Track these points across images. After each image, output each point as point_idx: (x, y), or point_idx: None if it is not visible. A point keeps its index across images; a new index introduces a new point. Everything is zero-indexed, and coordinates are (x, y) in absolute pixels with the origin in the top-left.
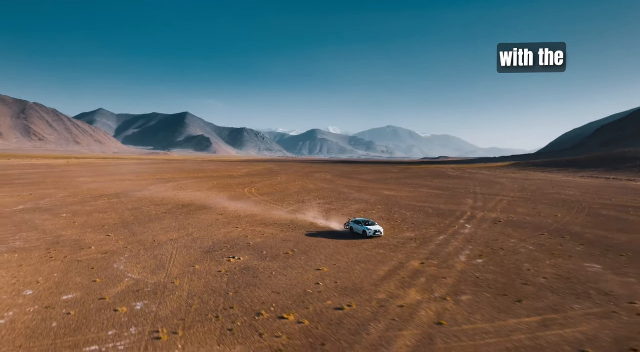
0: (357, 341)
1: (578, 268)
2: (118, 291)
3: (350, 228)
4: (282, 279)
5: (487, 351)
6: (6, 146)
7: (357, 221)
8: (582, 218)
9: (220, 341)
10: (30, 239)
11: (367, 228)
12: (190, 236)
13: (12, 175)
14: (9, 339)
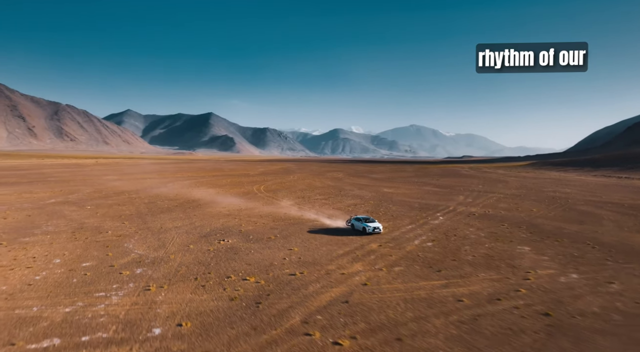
0: (294, 293)
1: (508, 249)
2: (124, 261)
3: (352, 225)
4: (257, 255)
5: (388, 299)
6: (41, 146)
7: (358, 218)
8: (555, 212)
9: (194, 292)
10: (60, 225)
11: (367, 225)
12: (193, 224)
13: (46, 173)
14: (43, 287)
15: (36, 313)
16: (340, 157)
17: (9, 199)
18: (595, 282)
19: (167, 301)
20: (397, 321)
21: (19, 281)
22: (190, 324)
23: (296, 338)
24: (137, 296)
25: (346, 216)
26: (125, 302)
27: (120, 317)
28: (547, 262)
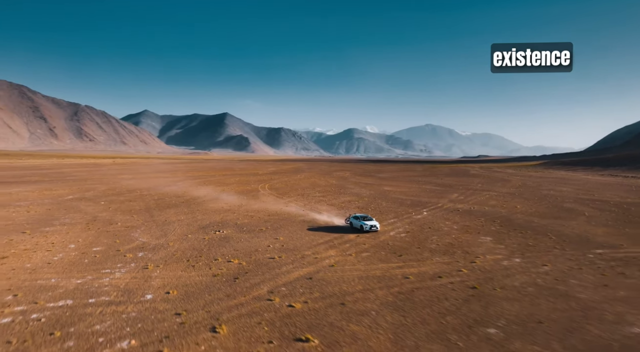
0: (269, 272)
1: (471, 240)
2: (129, 247)
3: (350, 223)
4: (245, 243)
5: (347, 276)
6: (61, 146)
7: (356, 216)
8: (538, 209)
9: (184, 270)
10: (75, 218)
11: (364, 223)
12: (194, 218)
13: (65, 172)
14: (60, 265)
15: (54, 283)
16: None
17: (32, 195)
18: (531, 265)
19: (160, 276)
20: (347, 292)
21: (40, 260)
22: (177, 292)
23: (259, 302)
24: (137, 272)
25: (338, 212)
26: (126, 276)
27: (121, 287)
28: (500, 249)
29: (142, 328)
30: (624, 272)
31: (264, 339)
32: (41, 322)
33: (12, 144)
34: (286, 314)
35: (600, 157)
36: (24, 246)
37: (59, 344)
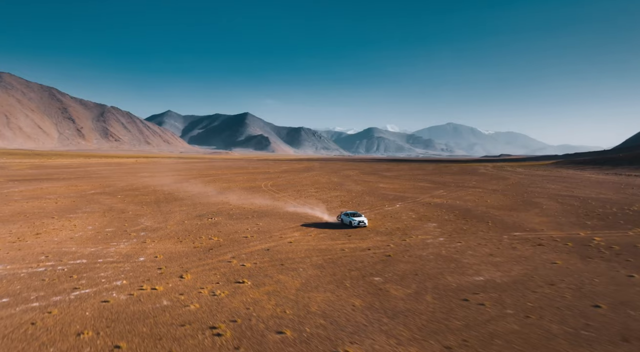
0: (238, 245)
1: (418, 225)
2: (135, 229)
3: (341, 220)
4: (229, 227)
5: (297, 249)
6: (88, 146)
7: (346, 213)
8: (505, 203)
9: (172, 244)
10: (94, 208)
11: (352, 219)
12: (195, 209)
13: (90, 171)
14: (79, 239)
15: (74, 250)
16: (373, 156)
17: (60, 190)
18: (448, 243)
19: (153, 247)
20: (290, 258)
21: (65, 236)
22: (162, 256)
23: (221, 263)
24: (136, 245)
25: (323, 205)
26: (127, 247)
27: (122, 253)
28: (435, 232)
29: (132, 275)
30: (516, 247)
31: (213, 281)
32: (64, 271)
33: (43, 144)
34: (237, 269)
35: (612, 157)
36: (53, 227)
37: (76, 281)
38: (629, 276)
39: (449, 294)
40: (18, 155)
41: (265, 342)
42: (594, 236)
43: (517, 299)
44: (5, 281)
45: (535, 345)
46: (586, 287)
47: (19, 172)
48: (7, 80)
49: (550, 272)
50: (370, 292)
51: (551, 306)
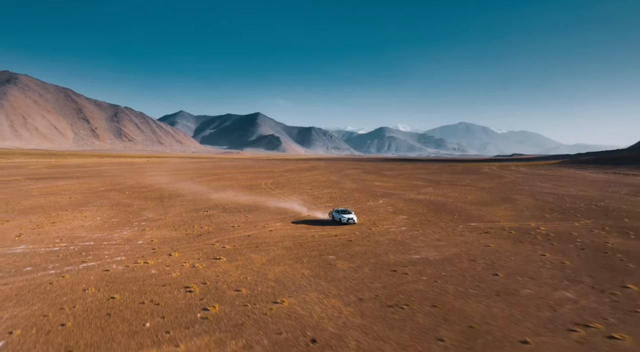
0: (224, 233)
1: (390, 217)
2: (138, 219)
3: (332, 216)
4: (221, 218)
5: (275, 235)
6: (102, 146)
7: (337, 210)
8: (483, 199)
9: (168, 231)
10: (104, 202)
11: (342, 216)
12: (194, 204)
13: (102, 170)
14: (88, 227)
15: (84, 235)
16: (384, 156)
17: (74, 187)
18: (407, 231)
19: (151, 234)
20: (266, 242)
21: (76, 224)
22: (157, 240)
23: (205, 246)
24: (137, 232)
25: (312, 200)
26: (129, 233)
27: (124, 238)
28: (401, 223)
29: (130, 253)
30: (464, 234)
31: (195, 258)
32: (75, 250)
33: (58, 144)
34: (217, 250)
35: (616, 156)
36: (66, 217)
37: (84, 257)
38: (541, 254)
39: (384, 267)
40: (35, 156)
41: (224, 295)
42: (541, 226)
43: (436, 270)
44: (29, 256)
45: (427, 297)
46: (499, 262)
47: (36, 171)
48: (24, 82)
49: (478, 252)
50: (321, 266)
51: (460, 274)
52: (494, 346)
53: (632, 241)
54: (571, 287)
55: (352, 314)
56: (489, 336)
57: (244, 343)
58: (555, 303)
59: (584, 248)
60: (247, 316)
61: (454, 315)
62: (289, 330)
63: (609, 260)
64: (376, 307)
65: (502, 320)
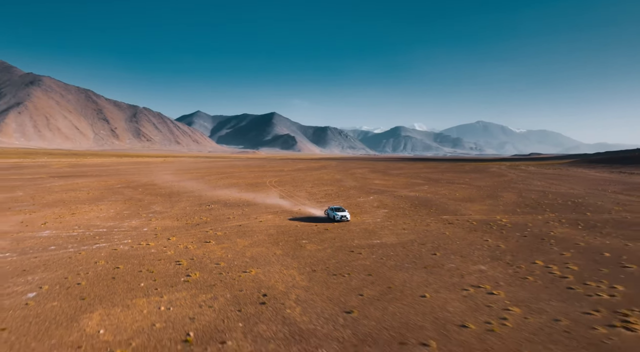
0: (219, 223)
1: (372, 211)
2: (146, 212)
3: (327, 214)
4: (220, 211)
5: (264, 225)
6: (121, 146)
7: (332, 208)
8: (471, 195)
9: (171, 221)
10: (118, 198)
11: (335, 214)
12: (199, 200)
13: (119, 169)
14: (103, 218)
15: (98, 224)
16: (399, 155)
17: (92, 184)
18: (382, 222)
19: (156, 223)
20: (253, 229)
21: (93, 215)
22: (160, 228)
23: (200, 232)
24: (144, 221)
25: (308, 197)
26: (137, 223)
27: (132, 226)
28: (380, 215)
29: (136, 238)
30: (429, 224)
31: (189, 241)
32: (90, 234)
33: (79, 144)
34: (210, 235)
35: (626, 156)
36: (84, 210)
37: (97, 240)
38: (485, 240)
39: (344, 249)
40: (57, 155)
41: (206, 267)
42: (504, 218)
43: (387, 251)
44: (52, 239)
45: (367, 269)
46: (444, 246)
47: (58, 170)
48: (47, 84)
49: (431, 238)
50: (292, 247)
51: (404, 254)
52: (398, 298)
53: (575, 231)
54: (489, 263)
55: (302, 279)
56: (399, 293)
57: (212, 296)
58: (467, 273)
59: (526, 235)
60: (220, 280)
61: (381, 280)
62: (249, 289)
63: (540, 244)
64: (323, 275)
65: (416, 283)
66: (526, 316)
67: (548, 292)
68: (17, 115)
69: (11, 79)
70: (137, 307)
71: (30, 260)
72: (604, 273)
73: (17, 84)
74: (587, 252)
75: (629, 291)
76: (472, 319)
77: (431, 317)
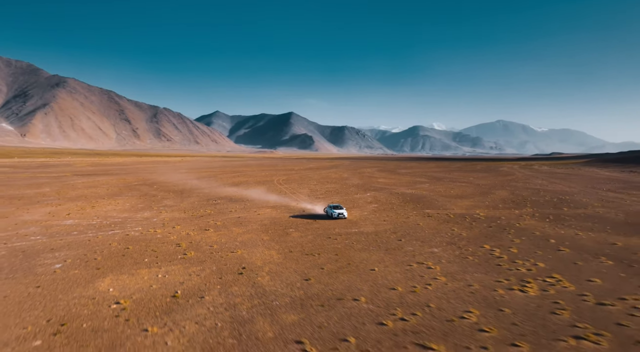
0: (221, 215)
1: (363, 206)
2: (158, 205)
3: (326, 211)
4: (224, 206)
5: (259, 216)
6: (142, 146)
7: (331, 206)
8: (464, 193)
9: (179, 214)
10: (134, 193)
11: (333, 211)
12: (207, 196)
13: (138, 168)
14: (119, 210)
15: (115, 215)
16: (417, 154)
17: (111, 182)
18: (367, 215)
19: (165, 215)
20: (249, 221)
21: (110, 208)
22: (168, 219)
23: (203, 222)
24: (155, 213)
25: (308, 193)
26: (148, 214)
27: (144, 217)
28: (368, 209)
29: (146, 226)
30: (409, 217)
31: (191, 229)
32: (107, 223)
33: (102, 144)
34: (210, 225)
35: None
36: (103, 203)
37: (113, 227)
38: (451, 229)
39: (324, 236)
40: (81, 155)
41: (201, 248)
42: (483, 213)
43: (360, 237)
44: (74, 226)
45: (336, 250)
46: (412, 234)
47: (81, 168)
48: (72, 85)
49: (404, 228)
50: (279, 234)
51: (374, 240)
52: (351, 271)
53: (540, 223)
54: (443, 247)
55: (278, 257)
56: (354, 267)
57: (201, 268)
58: (419, 254)
59: (491, 226)
60: (210, 258)
61: (344, 259)
62: (231, 263)
63: (499, 233)
64: (297, 254)
65: (372, 261)
66: (447, 283)
67: (477, 267)
68: (44, 116)
69: (38, 81)
70: (139, 275)
71: (56, 242)
72: (537, 255)
73: (44, 86)
74: (536, 239)
75: (547, 266)
76: (402, 284)
77: (370, 283)
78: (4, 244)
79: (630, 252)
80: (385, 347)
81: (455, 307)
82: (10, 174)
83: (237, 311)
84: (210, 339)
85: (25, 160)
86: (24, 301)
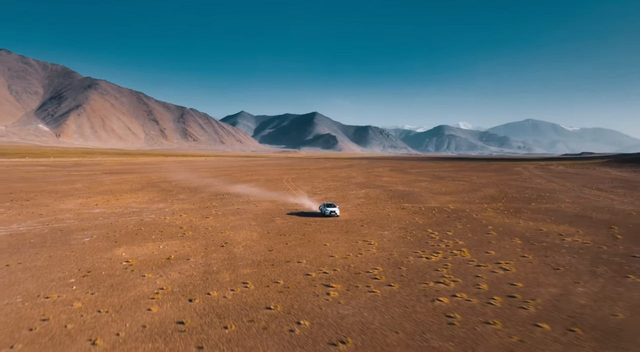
0: (224, 207)
1: (351, 200)
2: (172, 198)
3: (321, 210)
4: (229, 199)
5: (257, 209)
6: (170, 146)
7: (325, 204)
8: (453, 190)
9: (189, 205)
10: (154, 189)
11: (326, 209)
12: (217, 191)
13: (162, 167)
14: (139, 202)
15: (134, 205)
16: (441, 154)
17: (135, 179)
18: (350, 207)
19: (176, 206)
20: (246, 211)
21: (132, 200)
22: (179, 209)
23: (207, 211)
24: (169, 205)
25: (311, 191)
26: (163, 205)
27: (159, 207)
28: (353, 203)
29: (158, 214)
30: (384, 209)
31: (195, 217)
32: (127, 211)
33: (131, 144)
34: (212, 214)
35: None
36: (126, 197)
37: (131, 214)
38: (413, 219)
39: (302, 222)
40: (111, 155)
41: (198, 230)
42: (453, 206)
43: (332, 224)
44: (100, 214)
45: (303, 232)
46: (376, 221)
47: (110, 167)
48: (103, 87)
49: (373, 217)
50: (266, 221)
51: (341, 225)
52: (308, 245)
53: (497, 214)
54: (394, 230)
55: (256, 237)
56: (312, 243)
57: (193, 242)
58: (369, 235)
59: (450, 217)
60: (202, 236)
61: (308, 238)
62: (217, 240)
63: (452, 222)
64: (273, 234)
65: (329, 240)
66: (375, 253)
67: (408, 244)
68: (77, 117)
69: (72, 83)
70: (146, 246)
71: (86, 224)
72: (466, 236)
73: (77, 88)
74: (478, 226)
75: (464, 244)
76: (341, 253)
77: (317, 253)
78: (47, 225)
79: (544, 235)
80: (301, 285)
81: (367, 266)
82: (48, 172)
83: (210, 267)
84: (185, 280)
85: (60, 159)
86: (63, 259)
